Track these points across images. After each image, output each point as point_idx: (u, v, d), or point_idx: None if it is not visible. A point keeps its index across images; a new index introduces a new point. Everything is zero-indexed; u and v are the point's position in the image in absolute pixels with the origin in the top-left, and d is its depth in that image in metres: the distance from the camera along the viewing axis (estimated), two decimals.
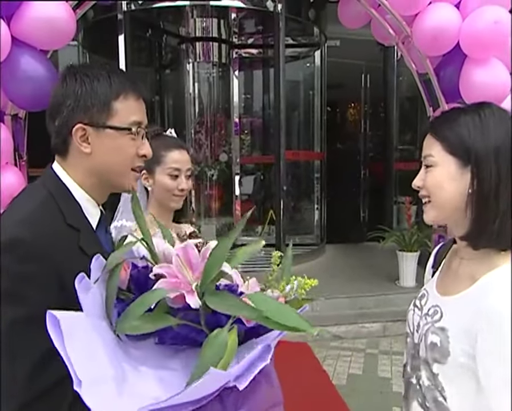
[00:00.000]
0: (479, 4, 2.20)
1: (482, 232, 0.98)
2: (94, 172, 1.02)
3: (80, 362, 0.71)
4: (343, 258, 6.19)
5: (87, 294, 0.82)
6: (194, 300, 0.79)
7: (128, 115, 1.01)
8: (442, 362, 1.01)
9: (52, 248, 0.89)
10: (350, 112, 8.60)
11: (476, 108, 1.01)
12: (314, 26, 6.18)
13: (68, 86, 0.99)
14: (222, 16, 5.81)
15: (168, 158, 1.57)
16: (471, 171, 0.97)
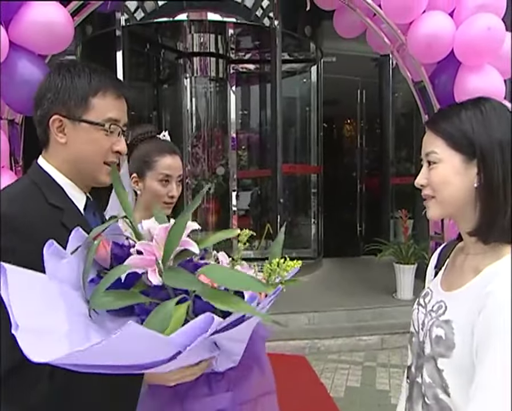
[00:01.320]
0: (473, 12, 2.23)
1: (492, 225, 0.97)
2: (70, 161, 1.08)
3: (23, 311, 0.74)
4: (340, 271, 6.16)
5: (60, 261, 0.85)
6: (154, 277, 0.82)
7: (104, 112, 1.06)
8: (446, 355, 0.99)
9: (33, 223, 0.92)
10: (346, 128, 8.66)
11: (477, 103, 1.01)
12: (310, 42, 6.26)
13: (51, 80, 1.05)
14: (219, 32, 5.88)
15: (160, 164, 1.52)
16: (477, 165, 0.97)
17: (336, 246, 6.64)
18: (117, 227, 0.97)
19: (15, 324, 0.72)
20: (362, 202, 7.70)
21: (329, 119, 7.73)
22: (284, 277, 0.98)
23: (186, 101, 6.06)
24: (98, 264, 0.90)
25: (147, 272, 0.84)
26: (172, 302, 0.80)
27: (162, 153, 1.53)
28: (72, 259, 0.86)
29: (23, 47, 2.01)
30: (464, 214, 1.02)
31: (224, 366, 1.00)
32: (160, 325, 0.77)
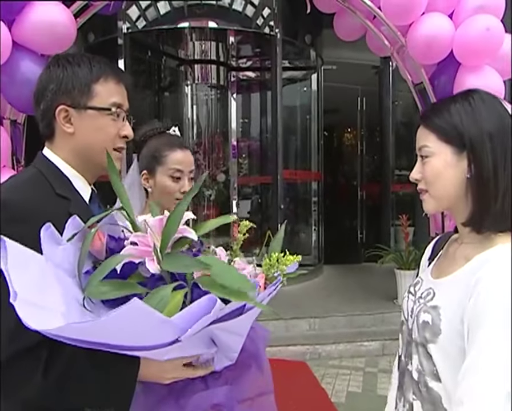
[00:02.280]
0: (471, 14, 2.25)
1: (485, 214, 0.98)
2: (78, 151, 1.08)
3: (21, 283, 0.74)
4: (341, 278, 6.15)
5: (56, 246, 0.85)
6: (152, 265, 0.82)
7: (108, 97, 1.07)
8: (433, 341, 1.00)
9: (40, 212, 0.91)
10: (347, 136, 8.69)
11: (465, 96, 1.03)
12: (311, 50, 6.30)
13: (51, 72, 1.06)
14: (220, 39, 5.93)
15: (170, 158, 1.46)
16: (467, 157, 0.99)
17: (337, 253, 6.63)
18: (113, 218, 0.96)
19: (14, 293, 0.72)
20: (363, 209, 7.71)
21: (329, 127, 7.77)
22: (284, 271, 0.99)
23: (187, 108, 6.09)
24: (93, 256, 0.90)
25: (144, 261, 0.83)
26: (169, 288, 0.80)
27: (172, 147, 1.48)
28: (69, 246, 0.87)
29: (26, 46, 2.02)
30: (459, 206, 1.03)
31: (222, 364, 0.99)
32: (155, 308, 0.76)
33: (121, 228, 0.95)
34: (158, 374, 0.92)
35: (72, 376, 0.86)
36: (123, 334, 0.75)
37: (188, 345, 0.83)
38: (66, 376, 0.86)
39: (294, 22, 5.65)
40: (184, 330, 0.75)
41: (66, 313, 0.77)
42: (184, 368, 0.92)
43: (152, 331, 0.76)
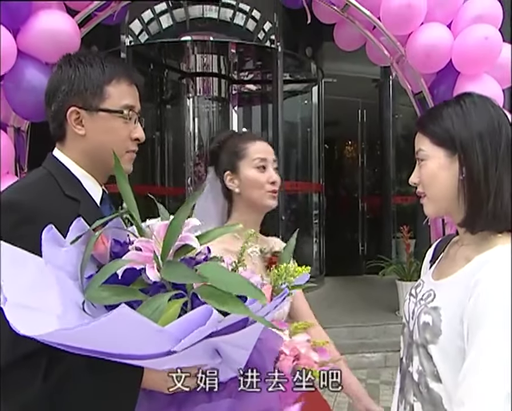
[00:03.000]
0: (469, 23, 2.29)
1: (476, 214, 1.00)
2: (89, 153, 1.07)
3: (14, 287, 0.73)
4: (342, 290, 6.13)
5: (58, 248, 0.84)
6: (152, 272, 0.81)
7: (120, 99, 1.06)
8: (433, 342, 1.01)
9: (49, 213, 0.90)
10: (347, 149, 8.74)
11: (458, 99, 1.08)
12: (311, 63, 6.37)
13: (63, 72, 1.05)
14: (221, 53, 5.99)
15: (251, 149, 1.40)
16: (458, 158, 1.01)
17: (338, 264, 6.62)
18: (119, 222, 0.95)
19: (3, 298, 0.71)
20: (364, 221, 7.72)
21: (330, 139, 7.81)
22: (292, 283, 0.96)
23: (189, 121, 6.13)
24: (97, 260, 0.88)
25: (145, 268, 0.82)
26: (166, 296, 0.78)
27: (251, 139, 1.44)
28: (72, 249, 0.85)
29: (30, 55, 2.06)
30: (455, 208, 1.05)
31: (226, 376, 0.95)
32: (151, 316, 0.74)
33: (127, 233, 0.93)
34: (161, 382, 0.89)
35: (72, 383, 0.84)
36: (114, 342, 0.73)
37: (189, 355, 0.80)
38: (66, 382, 0.84)
39: (294, 35, 5.71)
40: (178, 340, 0.73)
41: (62, 315, 0.76)
42: (188, 378, 0.88)
43: (144, 339, 0.74)
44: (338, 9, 2.50)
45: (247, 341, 0.88)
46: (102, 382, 0.85)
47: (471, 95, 1.07)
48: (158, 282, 0.82)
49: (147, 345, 0.75)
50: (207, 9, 5.49)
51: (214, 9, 5.51)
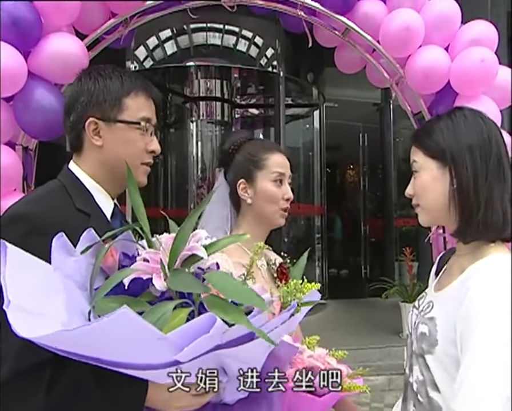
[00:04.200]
0: (466, 46, 2.35)
1: (467, 224, 1.04)
2: (106, 164, 1.09)
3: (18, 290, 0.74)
4: (345, 312, 6.09)
5: (68, 257, 0.85)
6: (159, 282, 0.81)
7: (137, 111, 1.09)
8: (430, 352, 1.03)
9: (59, 225, 0.90)
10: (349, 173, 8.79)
11: (450, 113, 1.13)
12: (313, 87, 6.47)
13: (83, 84, 1.08)
14: (224, 77, 6.10)
15: (271, 161, 1.34)
16: (449, 170, 1.06)
17: (341, 287, 6.60)
18: (129, 235, 0.96)
19: (7, 300, 0.72)
20: (366, 244, 7.72)
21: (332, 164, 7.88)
22: (301, 299, 0.97)
23: (192, 144, 6.21)
24: (105, 272, 0.89)
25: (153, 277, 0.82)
26: (170, 304, 0.78)
27: (271, 150, 1.37)
28: (81, 259, 0.87)
29: (40, 76, 2.12)
30: (448, 218, 1.09)
31: (233, 397, 0.94)
32: (155, 324, 0.74)
33: (136, 246, 0.94)
34: (165, 401, 0.88)
35: (76, 396, 0.84)
36: (114, 347, 0.73)
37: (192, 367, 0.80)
38: (70, 396, 0.84)
39: (296, 61, 5.83)
40: (180, 348, 0.72)
41: (67, 323, 0.76)
42: (193, 397, 0.87)
43: (145, 346, 0.73)
44: (339, 34, 2.57)
45: (253, 357, 0.86)
46: (105, 397, 0.85)
47: (462, 109, 1.12)
48: (166, 293, 0.83)
49: (148, 352, 0.74)
50: (211, 36, 5.62)
51: (217, 36, 5.64)
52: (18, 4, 2.00)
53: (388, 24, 2.39)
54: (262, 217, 1.34)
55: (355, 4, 2.45)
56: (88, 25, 2.29)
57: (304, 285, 1.01)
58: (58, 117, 2.13)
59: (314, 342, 1.20)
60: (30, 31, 2.04)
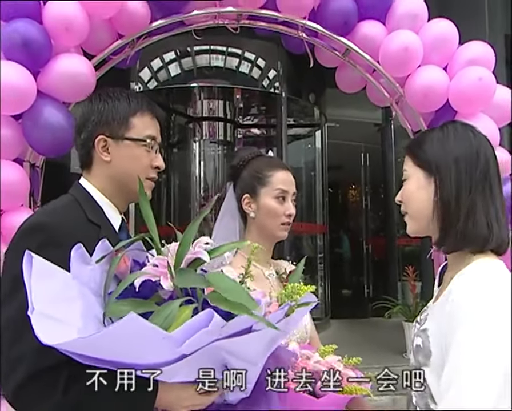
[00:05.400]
0: (464, 66, 2.41)
1: (447, 234, 1.07)
2: (114, 178, 1.16)
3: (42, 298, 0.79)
4: (348, 332, 6.05)
5: (85, 266, 0.91)
6: (167, 283, 0.87)
7: (143, 129, 1.17)
8: (426, 364, 1.05)
9: (73, 237, 0.96)
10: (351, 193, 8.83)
11: (442, 126, 1.17)
12: (315, 108, 6.55)
13: (93, 105, 1.17)
14: (227, 98, 6.19)
15: (275, 178, 1.41)
16: (434, 180, 1.09)
17: (344, 307, 6.57)
18: (139, 245, 1.02)
19: (32, 307, 0.77)
20: (369, 264, 7.71)
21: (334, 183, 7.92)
22: (298, 301, 1.02)
23: (195, 164, 6.26)
24: (117, 278, 0.94)
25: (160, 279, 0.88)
26: (176, 302, 0.85)
27: (276, 167, 1.44)
28: (96, 267, 0.93)
29: (49, 95, 2.18)
30: (432, 228, 1.12)
31: (236, 396, 0.98)
32: (163, 322, 0.80)
33: (145, 254, 1.00)
34: (175, 401, 0.93)
35: (92, 396, 0.88)
36: (124, 350, 0.78)
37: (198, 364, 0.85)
38: (86, 396, 0.88)
39: (298, 82, 5.92)
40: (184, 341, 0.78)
41: (83, 328, 0.81)
42: (199, 396, 0.93)
43: (152, 346, 0.78)
44: (339, 54, 2.64)
45: (254, 350, 0.91)
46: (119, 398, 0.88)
47: (455, 122, 1.16)
48: (173, 295, 0.88)
49: (154, 352, 0.79)
50: (214, 58, 5.72)
51: (220, 58, 5.74)
52: (29, 26, 2.07)
53: (387, 45, 2.46)
54: (264, 230, 1.41)
55: (355, 26, 2.51)
56: (95, 46, 2.36)
57: (300, 287, 1.05)
58: (65, 135, 2.20)
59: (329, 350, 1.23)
60: (40, 52, 2.10)
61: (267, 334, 0.89)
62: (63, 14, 2.11)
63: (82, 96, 2.26)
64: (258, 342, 0.91)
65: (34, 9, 2.12)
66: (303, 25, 2.52)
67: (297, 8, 2.44)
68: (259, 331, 0.87)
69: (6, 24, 2.09)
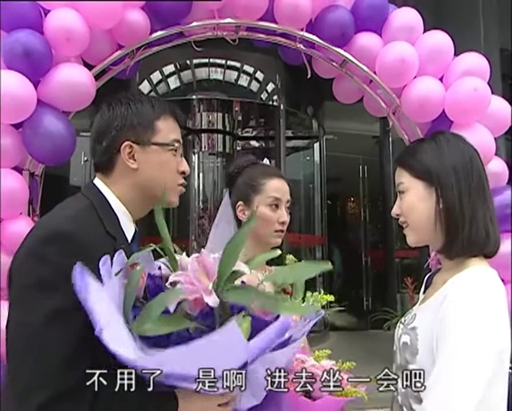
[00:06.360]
0: (459, 77, 2.44)
1: (453, 241, 1.10)
2: (139, 186, 1.10)
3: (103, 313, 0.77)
4: (347, 344, 6.04)
5: (109, 279, 0.88)
6: (211, 299, 0.83)
7: (168, 133, 1.12)
8: (412, 361, 1.07)
9: (93, 248, 0.93)
10: (350, 205, 8.85)
11: (433, 137, 1.20)
12: (313, 120, 6.61)
13: (115, 110, 1.10)
14: (226, 110, 6.24)
15: (268, 186, 1.43)
16: (435, 191, 1.12)
17: (343, 319, 6.55)
18: (149, 255, 0.99)
19: (99, 327, 0.75)
20: (368, 277, 7.70)
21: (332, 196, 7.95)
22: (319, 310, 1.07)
23: (194, 175, 6.29)
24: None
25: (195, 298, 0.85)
26: (239, 315, 0.84)
27: (269, 175, 1.45)
28: (116, 281, 0.88)
29: (49, 104, 2.20)
30: (434, 237, 1.15)
31: (248, 404, 0.98)
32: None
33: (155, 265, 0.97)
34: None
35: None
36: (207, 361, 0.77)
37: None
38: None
39: (296, 94, 5.98)
40: (263, 350, 0.80)
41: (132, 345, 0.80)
42: (220, 408, 0.92)
43: (230, 357, 0.78)
44: (337, 65, 2.67)
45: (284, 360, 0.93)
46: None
47: (444, 133, 1.20)
48: (205, 310, 0.85)
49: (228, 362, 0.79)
50: (213, 71, 5.78)
51: (220, 71, 5.80)
52: (30, 36, 2.09)
53: (384, 56, 2.49)
54: (257, 238, 1.41)
55: (352, 37, 2.55)
56: (95, 56, 2.38)
57: (321, 296, 1.07)
58: (65, 144, 2.22)
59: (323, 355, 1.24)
60: (40, 61, 2.13)
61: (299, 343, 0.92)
62: (63, 25, 2.14)
63: (82, 105, 2.31)
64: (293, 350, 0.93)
65: (35, 20, 2.15)
66: (301, 36, 2.56)
67: (294, 19, 2.48)
68: (297, 341, 0.89)
69: (7, 34, 2.12)
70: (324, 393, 1.03)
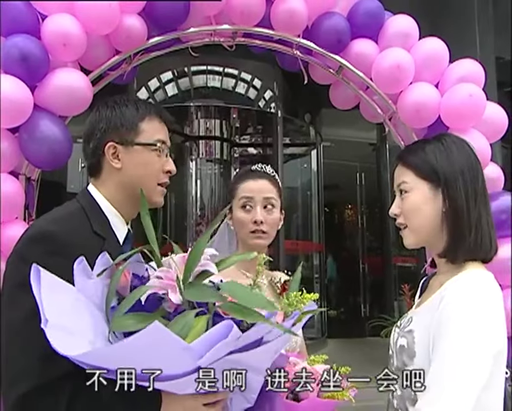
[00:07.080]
0: (455, 83, 2.46)
1: (459, 245, 1.09)
2: (124, 186, 1.14)
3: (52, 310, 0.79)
4: (345, 351, 6.01)
5: (86, 279, 0.90)
6: (175, 296, 0.86)
7: (153, 134, 1.15)
8: (409, 364, 1.06)
9: (78, 248, 0.95)
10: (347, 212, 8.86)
11: (438, 138, 1.18)
12: (310, 127, 6.63)
13: (100, 113, 1.15)
14: (224, 117, 6.26)
15: (240, 188, 1.44)
16: (442, 192, 1.10)
17: (341, 326, 6.54)
18: (139, 257, 1.01)
19: (45, 320, 0.77)
20: (365, 283, 7.70)
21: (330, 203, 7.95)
22: (302, 310, 1.05)
23: (191, 182, 6.30)
24: (117, 292, 0.93)
25: (167, 293, 0.87)
26: (191, 313, 0.84)
27: (242, 178, 1.46)
28: (98, 281, 0.91)
29: (46, 109, 2.20)
30: (436, 239, 1.14)
31: (241, 407, 0.98)
32: (180, 332, 0.79)
33: (145, 267, 0.99)
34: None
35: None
36: (144, 361, 0.77)
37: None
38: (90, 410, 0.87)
39: (294, 102, 6.00)
40: (201, 356, 0.77)
41: (93, 341, 0.81)
42: (205, 407, 0.91)
43: (172, 357, 0.78)
44: (333, 72, 2.68)
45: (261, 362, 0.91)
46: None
47: (450, 135, 1.19)
48: (179, 309, 0.87)
49: (173, 363, 0.78)
50: (210, 79, 5.80)
51: (217, 79, 5.82)
52: (27, 41, 2.10)
53: (380, 63, 2.50)
54: (241, 241, 1.46)
55: (348, 44, 2.57)
56: (92, 61, 2.39)
57: (304, 296, 1.06)
58: (61, 148, 2.22)
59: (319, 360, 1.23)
60: (37, 66, 2.14)
61: (277, 345, 0.90)
62: (61, 30, 2.15)
63: (78, 110, 2.31)
64: (268, 353, 0.91)
65: (33, 25, 2.16)
66: (298, 43, 2.57)
67: (291, 26, 2.49)
68: (271, 342, 0.86)
69: (5, 39, 2.12)
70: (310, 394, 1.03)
